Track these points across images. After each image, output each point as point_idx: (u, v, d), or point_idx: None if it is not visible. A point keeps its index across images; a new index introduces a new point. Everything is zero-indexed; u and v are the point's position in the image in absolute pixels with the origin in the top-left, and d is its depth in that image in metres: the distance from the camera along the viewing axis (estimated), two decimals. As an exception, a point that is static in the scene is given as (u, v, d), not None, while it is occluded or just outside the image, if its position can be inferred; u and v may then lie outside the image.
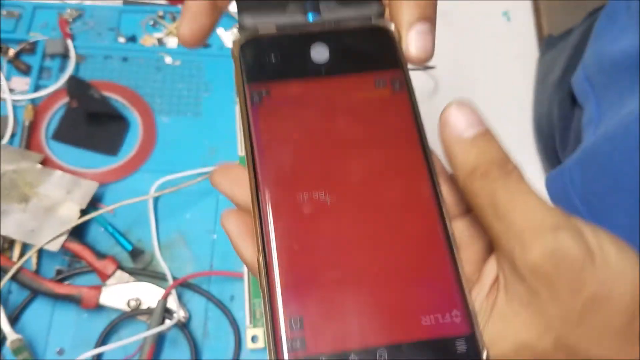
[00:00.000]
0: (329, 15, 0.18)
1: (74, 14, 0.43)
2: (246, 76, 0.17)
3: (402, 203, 0.16)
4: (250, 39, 0.17)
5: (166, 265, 0.36)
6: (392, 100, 0.17)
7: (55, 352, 0.34)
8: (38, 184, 0.36)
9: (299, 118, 0.16)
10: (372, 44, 0.18)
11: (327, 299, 0.15)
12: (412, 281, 0.15)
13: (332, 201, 0.16)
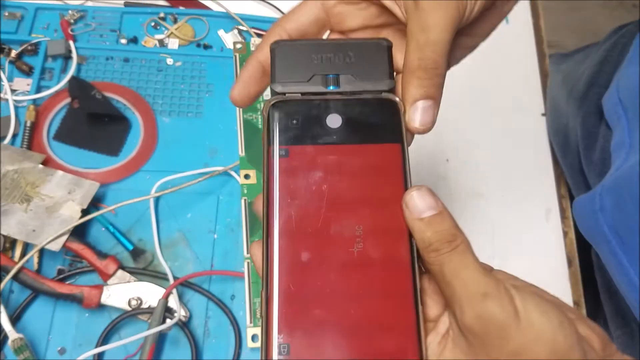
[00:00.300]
0: (346, 87, 0.21)
1: (76, 15, 0.44)
2: (271, 135, 0.20)
3: (383, 261, 0.19)
4: (278, 102, 0.21)
5: (167, 264, 0.36)
6: (388, 169, 0.20)
7: (56, 352, 0.34)
8: (40, 184, 0.36)
9: (310, 178, 0.20)
10: (379, 115, 0.21)
11: (312, 334, 0.18)
12: (380, 328, 0.19)
13: (326, 255, 0.19)
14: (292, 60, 0.21)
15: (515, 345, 0.17)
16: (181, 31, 0.45)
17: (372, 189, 0.20)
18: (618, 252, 0.31)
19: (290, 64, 0.21)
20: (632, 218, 0.30)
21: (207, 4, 0.47)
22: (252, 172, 0.38)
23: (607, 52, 0.40)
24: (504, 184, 0.45)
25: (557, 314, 0.18)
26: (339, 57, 0.22)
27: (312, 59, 0.21)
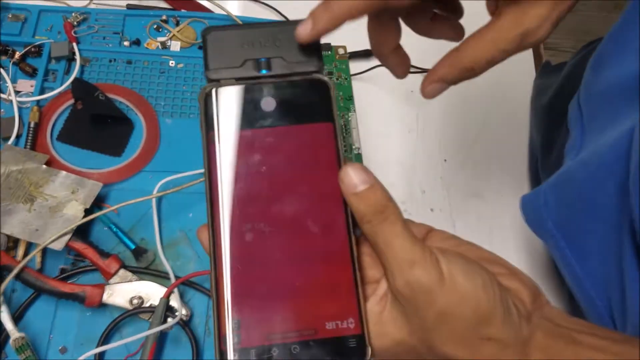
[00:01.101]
0: (278, 70, 0.22)
1: (79, 17, 0.44)
2: (207, 123, 0.22)
3: (321, 232, 0.21)
4: (210, 89, 0.22)
5: (169, 264, 0.37)
6: (323, 147, 0.21)
7: (58, 351, 0.34)
8: (43, 184, 0.36)
9: (249, 161, 0.21)
10: (311, 95, 0.22)
11: (260, 305, 0.20)
12: (322, 294, 0.20)
13: (267, 229, 0.20)
14: (224, 47, 0.22)
15: (440, 307, 0.19)
16: (183, 33, 0.45)
17: (308, 166, 0.21)
18: (562, 246, 0.31)
19: (223, 51, 0.22)
20: (573, 213, 0.31)
21: (208, 6, 0.47)
22: None
23: (573, 67, 0.42)
24: (502, 185, 0.45)
25: (481, 275, 0.19)
26: (269, 41, 0.22)
27: (243, 44, 0.22)
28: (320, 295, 0.20)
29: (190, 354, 0.34)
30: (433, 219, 0.36)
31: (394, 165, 0.44)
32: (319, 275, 0.20)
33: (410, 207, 0.42)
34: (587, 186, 0.30)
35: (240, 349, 0.19)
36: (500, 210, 0.44)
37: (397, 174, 0.44)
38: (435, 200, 0.43)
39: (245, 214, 0.20)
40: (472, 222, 0.43)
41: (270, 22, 0.23)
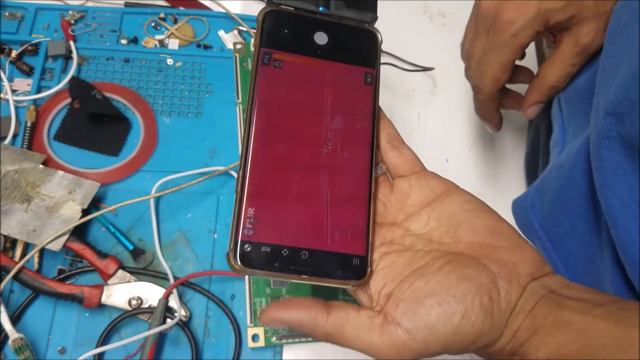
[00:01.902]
0: (335, 11, 0.24)
1: (76, 15, 0.44)
2: (262, 39, 0.22)
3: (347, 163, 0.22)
4: (272, 11, 0.23)
5: (167, 264, 0.36)
6: (363, 88, 0.23)
7: (56, 351, 0.34)
8: (40, 184, 0.36)
9: (292, 83, 0.22)
10: (360, 42, 0.24)
11: (279, 208, 0.21)
12: (338, 214, 0.22)
13: (299, 150, 0.22)
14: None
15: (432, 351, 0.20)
16: (181, 31, 0.45)
17: (345, 104, 0.23)
18: (548, 247, 0.32)
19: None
20: (555, 214, 0.32)
21: (207, 4, 0.47)
22: None
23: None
24: (503, 185, 0.45)
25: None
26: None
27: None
28: (336, 214, 0.22)
29: (190, 354, 0.34)
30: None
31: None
32: (338, 196, 0.22)
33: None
34: (564, 186, 0.31)
35: (254, 242, 0.20)
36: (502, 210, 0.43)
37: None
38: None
39: (279, 128, 0.22)
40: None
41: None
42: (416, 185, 0.23)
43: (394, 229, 0.23)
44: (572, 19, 0.31)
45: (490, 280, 0.20)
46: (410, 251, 0.22)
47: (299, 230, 0.21)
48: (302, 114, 0.22)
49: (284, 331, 0.34)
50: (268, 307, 0.21)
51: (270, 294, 0.35)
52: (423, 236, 0.22)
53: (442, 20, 0.49)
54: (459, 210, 0.22)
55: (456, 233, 0.22)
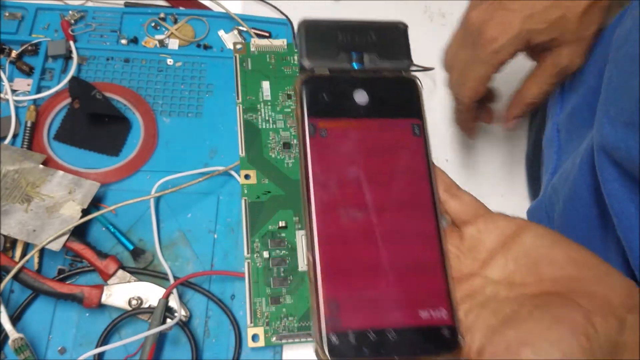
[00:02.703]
0: (369, 65, 0.23)
1: (76, 15, 0.44)
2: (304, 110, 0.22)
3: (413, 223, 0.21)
4: (308, 78, 0.22)
5: (167, 264, 0.36)
6: (413, 141, 0.22)
7: (57, 351, 0.34)
8: (40, 184, 0.36)
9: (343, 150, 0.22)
10: (401, 92, 0.23)
11: (356, 289, 0.20)
12: (416, 284, 0.21)
13: (362, 219, 0.21)
14: (319, 38, 0.23)
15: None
16: (181, 31, 0.45)
17: (398, 160, 0.22)
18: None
19: (318, 42, 0.23)
20: (563, 226, 0.33)
21: (207, 4, 0.47)
22: (253, 172, 0.38)
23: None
24: (505, 184, 0.45)
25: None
26: (362, 37, 0.23)
27: (337, 37, 0.23)
28: (414, 283, 0.21)
29: (190, 354, 0.34)
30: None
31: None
32: (411, 263, 0.21)
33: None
34: (571, 197, 0.31)
35: (339, 332, 0.20)
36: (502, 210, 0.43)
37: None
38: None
39: (339, 201, 0.21)
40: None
41: (363, 20, 0.24)
42: (485, 229, 0.22)
43: (473, 280, 0.22)
44: (554, 40, 0.31)
45: (584, 318, 0.19)
46: (494, 300, 0.21)
47: (381, 309, 0.20)
48: (358, 181, 0.21)
49: (284, 331, 0.34)
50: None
51: (270, 293, 0.35)
52: (504, 281, 0.21)
53: (442, 21, 0.49)
54: (535, 246, 0.21)
55: (537, 271, 0.21)
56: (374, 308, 0.20)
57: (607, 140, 0.26)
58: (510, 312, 0.20)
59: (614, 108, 0.26)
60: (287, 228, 0.37)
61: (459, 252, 0.22)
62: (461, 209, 0.22)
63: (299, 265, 0.36)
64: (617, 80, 0.26)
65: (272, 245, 0.36)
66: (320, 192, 0.21)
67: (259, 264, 0.36)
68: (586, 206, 0.30)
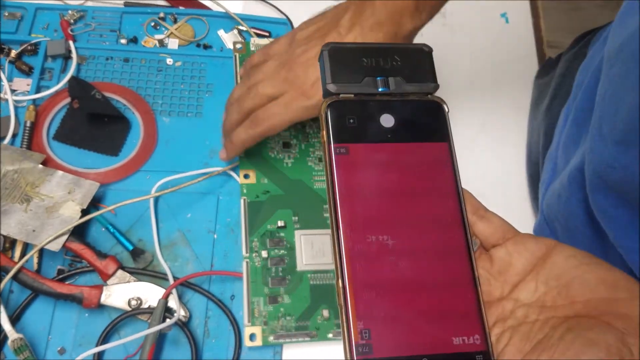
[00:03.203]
0: (395, 89, 0.23)
1: (76, 15, 0.44)
2: (329, 135, 0.22)
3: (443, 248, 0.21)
4: (333, 102, 0.22)
5: (167, 265, 0.36)
6: (441, 165, 0.22)
7: (56, 352, 0.34)
8: (39, 184, 0.36)
9: (370, 175, 0.22)
10: (427, 115, 0.23)
11: (388, 315, 0.20)
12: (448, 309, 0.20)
13: (390, 243, 0.21)
14: (344, 62, 0.23)
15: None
16: (181, 31, 0.45)
17: (426, 183, 0.22)
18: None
19: (342, 66, 0.23)
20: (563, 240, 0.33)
21: (207, 4, 0.47)
22: (252, 171, 0.38)
23: (568, 62, 0.41)
24: (505, 184, 0.45)
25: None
26: (387, 61, 0.23)
27: (362, 61, 0.23)
28: (446, 309, 0.21)
29: (190, 354, 0.34)
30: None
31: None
32: (442, 289, 0.21)
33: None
34: (566, 216, 0.31)
35: (372, 359, 0.19)
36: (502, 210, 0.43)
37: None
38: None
39: (369, 226, 0.21)
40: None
41: (386, 43, 0.25)
42: (515, 251, 0.22)
43: (503, 303, 0.21)
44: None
45: (618, 339, 0.19)
46: (526, 324, 0.21)
47: (413, 336, 0.20)
48: (387, 206, 0.21)
49: (281, 330, 0.34)
50: None
51: (268, 293, 0.35)
52: (535, 304, 0.21)
53: (443, 21, 0.49)
54: (566, 268, 0.21)
55: (569, 293, 0.20)
56: (405, 334, 0.20)
57: (599, 158, 0.26)
58: (542, 336, 0.20)
59: (607, 126, 0.26)
60: (286, 228, 0.37)
61: (489, 275, 0.22)
62: (490, 231, 0.22)
63: (298, 265, 0.36)
64: (610, 97, 0.26)
65: (270, 245, 0.36)
66: (349, 217, 0.21)
67: (258, 263, 0.36)
68: (582, 224, 0.30)
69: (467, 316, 0.21)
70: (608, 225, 0.26)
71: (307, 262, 0.36)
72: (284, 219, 0.37)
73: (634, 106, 0.23)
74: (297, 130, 0.41)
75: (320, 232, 0.36)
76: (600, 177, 0.26)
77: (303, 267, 0.36)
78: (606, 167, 0.25)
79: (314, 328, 0.34)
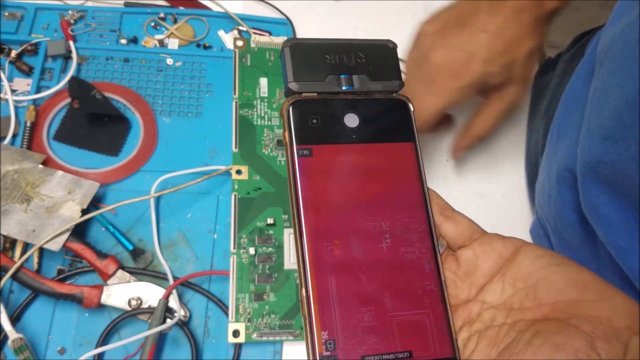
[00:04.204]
0: (359, 87, 0.22)
1: (76, 15, 0.44)
2: (292, 136, 0.21)
3: (409, 250, 0.21)
4: (296, 102, 0.21)
5: (167, 264, 0.36)
6: (405, 166, 0.21)
7: (56, 352, 0.34)
8: (39, 184, 0.36)
9: (334, 177, 0.21)
10: (392, 114, 0.22)
11: (354, 324, 0.19)
12: (414, 315, 0.20)
13: (356, 250, 0.20)
14: (306, 60, 0.22)
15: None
16: (181, 31, 0.45)
17: (392, 185, 0.21)
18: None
19: (305, 64, 0.22)
20: (557, 243, 0.34)
21: (207, 4, 0.47)
22: (244, 167, 0.38)
23: (567, 63, 0.42)
24: (504, 185, 0.45)
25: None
26: (350, 58, 0.22)
27: (325, 58, 0.22)
28: (414, 316, 0.20)
29: (190, 354, 0.34)
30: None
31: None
32: (410, 295, 0.20)
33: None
34: (555, 217, 0.32)
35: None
36: (502, 210, 0.43)
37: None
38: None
39: (332, 230, 0.20)
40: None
41: (352, 39, 0.23)
42: (481, 252, 0.21)
43: (470, 306, 0.21)
44: (504, 81, 0.36)
45: (586, 343, 0.18)
46: (492, 327, 0.20)
47: (379, 345, 0.19)
48: (351, 209, 0.20)
49: (265, 328, 0.34)
50: None
51: (254, 290, 0.35)
52: (502, 306, 0.21)
53: (442, 20, 0.49)
54: (533, 269, 0.20)
55: (536, 295, 0.20)
56: (372, 344, 0.19)
57: (589, 155, 0.26)
58: (509, 340, 0.19)
59: (594, 122, 0.26)
60: (276, 225, 0.36)
61: (456, 277, 0.21)
62: (456, 232, 0.22)
63: (285, 263, 0.36)
64: (598, 95, 0.26)
65: (259, 242, 0.36)
66: (312, 221, 0.20)
67: (245, 259, 0.35)
68: (573, 224, 0.30)
69: (435, 324, 0.20)
70: (598, 224, 0.26)
71: (295, 261, 0.35)
72: (274, 217, 0.37)
73: (619, 103, 0.23)
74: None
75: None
76: (592, 172, 0.26)
77: (290, 266, 0.36)
78: (597, 163, 0.25)
79: (297, 327, 0.34)
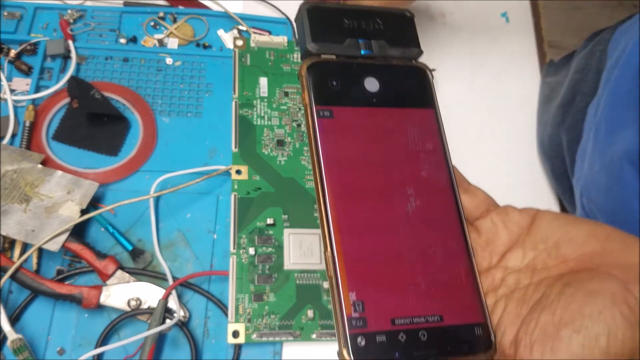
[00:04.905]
0: (378, 52, 0.22)
1: (75, 15, 0.44)
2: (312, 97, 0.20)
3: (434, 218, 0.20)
4: (314, 63, 0.21)
5: (166, 265, 0.36)
6: (428, 131, 0.21)
7: (55, 352, 0.34)
8: (39, 184, 0.36)
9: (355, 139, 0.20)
10: (412, 81, 0.22)
11: (382, 286, 0.19)
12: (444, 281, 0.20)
13: (385, 215, 0.20)
14: (325, 22, 0.21)
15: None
16: (181, 31, 0.45)
17: (414, 150, 0.21)
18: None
19: (323, 26, 0.21)
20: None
21: (206, 3, 0.46)
22: (244, 167, 0.38)
23: (585, 59, 0.41)
24: (505, 185, 0.44)
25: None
26: (369, 23, 0.22)
27: (343, 22, 0.22)
28: (442, 279, 0.20)
29: (189, 355, 0.34)
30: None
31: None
32: (437, 259, 0.20)
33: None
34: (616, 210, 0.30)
35: (367, 332, 0.18)
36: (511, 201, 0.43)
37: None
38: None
39: (357, 193, 0.20)
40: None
41: (369, 6, 0.23)
42: (500, 222, 0.22)
43: (493, 272, 0.21)
44: None
45: (621, 287, 0.18)
46: (519, 290, 0.20)
47: (409, 308, 0.19)
48: (374, 172, 0.20)
49: (265, 329, 0.34)
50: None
51: (254, 290, 0.35)
52: (525, 269, 0.20)
53: (443, 20, 0.49)
54: (552, 229, 0.20)
55: (559, 252, 0.20)
56: (401, 307, 0.19)
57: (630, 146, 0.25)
58: (539, 295, 0.19)
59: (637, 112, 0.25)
60: (275, 226, 0.36)
61: (477, 246, 0.21)
62: (474, 205, 0.22)
63: (285, 263, 0.36)
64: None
65: (259, 242, 0.36)
66: (335, 183, 0.19)
67: (245, 260, 0.35)
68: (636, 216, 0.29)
69: (464, 289, 0.20)
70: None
71: (295, 261, 0.35)
72: (274, 217, 0.36)
73: None
74: (292, 129, 0.41)
75: (309, 232, 0.36)
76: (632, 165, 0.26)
77: (290, 266, 0.35)
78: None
79: (298, 328, 0.34)
